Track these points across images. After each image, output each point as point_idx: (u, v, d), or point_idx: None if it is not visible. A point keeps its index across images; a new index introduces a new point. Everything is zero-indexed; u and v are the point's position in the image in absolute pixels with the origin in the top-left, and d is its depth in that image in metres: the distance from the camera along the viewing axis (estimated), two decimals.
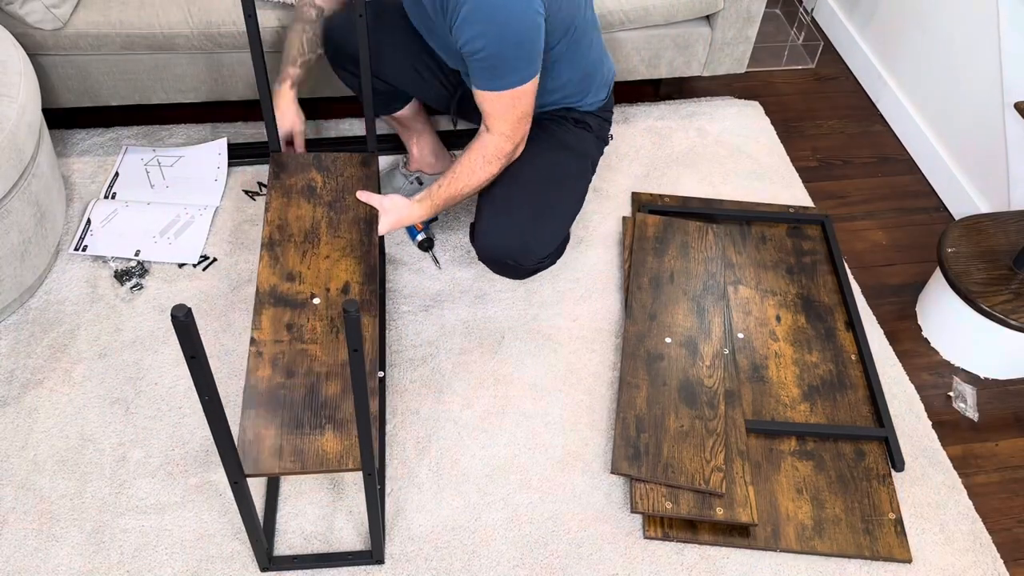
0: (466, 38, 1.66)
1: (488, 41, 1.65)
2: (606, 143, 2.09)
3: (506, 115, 1.76)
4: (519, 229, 1.87)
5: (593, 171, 2.07)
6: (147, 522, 1.69)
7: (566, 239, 2.09)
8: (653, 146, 2.52)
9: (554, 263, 2.05)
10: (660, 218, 2.24)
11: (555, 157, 1.94)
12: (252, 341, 1.52)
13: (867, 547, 1.71)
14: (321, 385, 1.47)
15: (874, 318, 2.14)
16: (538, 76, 1.74)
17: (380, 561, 1.65)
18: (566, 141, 1.97)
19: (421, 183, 2.27)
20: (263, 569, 1.62)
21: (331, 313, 1.57)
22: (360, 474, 1.72)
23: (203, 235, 2.17)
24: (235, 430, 1.74)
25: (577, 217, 2.29)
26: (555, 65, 1.83)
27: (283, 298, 1.59)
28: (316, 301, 1.59)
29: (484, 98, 1.75)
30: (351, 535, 1.69)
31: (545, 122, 1.96)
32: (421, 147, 2.26)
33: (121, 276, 2.08)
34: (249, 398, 1.45)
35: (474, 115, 2.12)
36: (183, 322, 1.03)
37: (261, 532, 1.54)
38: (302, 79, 1.98)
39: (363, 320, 1.56)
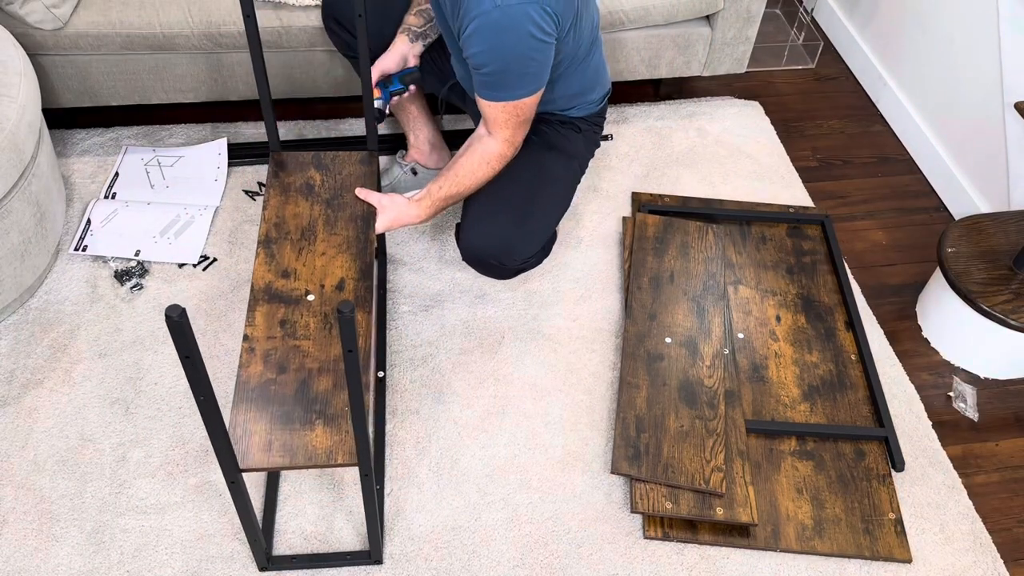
0: (472, 52, 1.67)
1: (492, 58, 1.66)
2: (597, 145, 2.09)
3: (508, 123, 1.78)
4: (502, 230, 1.87)
5: (582, 171, 2.06)
6: (147, 522, 1.69)
7: (552, 238, 2.09)
8: (653, 146, 2.52)
9: (539, 263, 2.05)
10: (660, 218, 2.24)
11: (541, 158, 1.95)
12: (245, 337, 1.52)
13: (867, 547, 1.71)
14: (312, 380, 1.48)
15: (874, 318, 2.14)
16: (543, 89, 1.76)
17: (379, 561, 1.65)
18: (553, 142, 1.97)
19: (415, 173, 2.27)
20: (261, 569, 1.62)
21: (325, 309, 1.58)
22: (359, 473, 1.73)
23: (203, 235, 2.17)
24: None
25: (577, 217, 2.29)
26: (552, 83, 1.84)
27: (278, 295, 1.60)
28: (310, 298, 1.60)
29: (486, 106, 1.76)
30: (351, 535, 1.69)
31: (533, 122, 1.96)
32: (418, 136, 2.26)
33: (121, 276, 2.08)
34: (240, 394, 1.45)
35: (462, 101, 2.13)
36: (177, 322, 1.03)
37: (259, 532, 1.54)
38: (421, 26, 1.98)
39: (357, 316, 1.57)
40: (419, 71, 2.01)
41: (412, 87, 1.99)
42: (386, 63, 1.95)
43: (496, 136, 1.79)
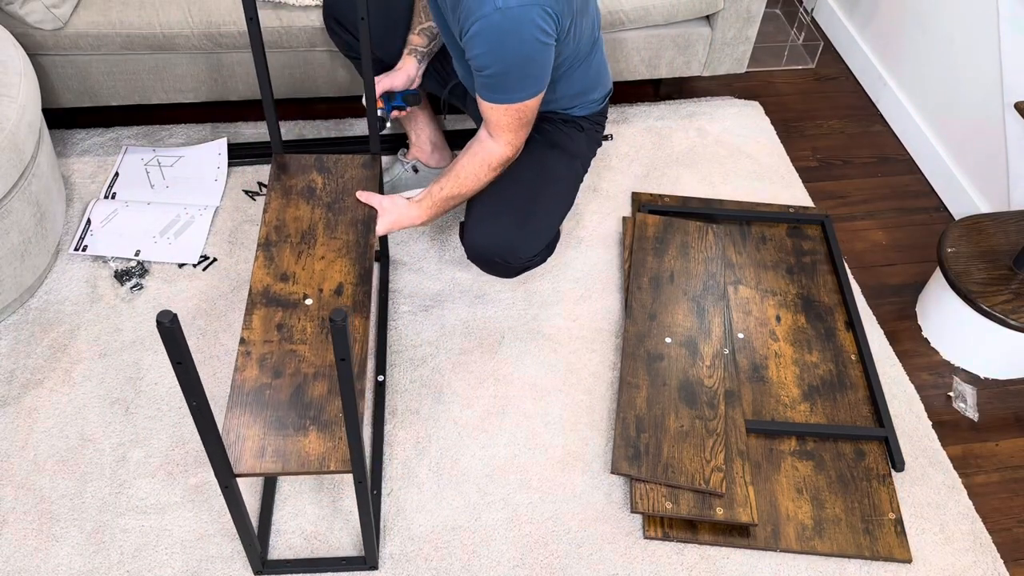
0: (473, 54, 1.67)
1: (494, 60, 1.66)
2: (599, 144, 2.09)
3: (510, 125, 1.77)
4: (507, 229, 1.87)
5: (585, 170, 2.06)
6: (147, 522, 1.69)
7: (556, 237, 2.10)
8: (653, 146, 2.52)
9: (544, 261, 2.05)
10: (660, 218, 2.24)
11: (544, 157, 1.95)
12: (242, 341, 1.52)
13: (867, 547, 1.71)
14: (308, 386, 1.47)
15: (874, 318, 2.14)
16: (544, 91, 1.75)
17: (373, 567, 1.64)
18: (556, 140, 1.97)
19: (416, 171, 2.27)
20: (256, 572, 1.62)
21: (322, 314, 1.57)
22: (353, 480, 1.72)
23: (203, 235, 2.17)
24: None
25: (577, 217, 2.29)
26: (554, 83, 1.84)
27: (275, 298, 1.59)
28: (308, 302, 1.59)
29: (488, 108, 1.75)
30: (349, 536, 1.69)
31: (536, 121, 1.97)
32: (420, 135, 2.26)
33: (121, 276, 2.08)
34: (234, 398, 1.45)
35: (463, 102, 2.13)
36: (169, 328, 1.03)
37: (254, 537, 1.53)
38: (427, 45, 2.00)
39: (355, 321, 1.56)
40: (420, 93, 2.03)
41: (409, 109, 2.02)
42: (395, 82, 1.96)
43: (498, 139, 1.79)
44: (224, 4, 2.17)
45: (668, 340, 1.98)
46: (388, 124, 2.00)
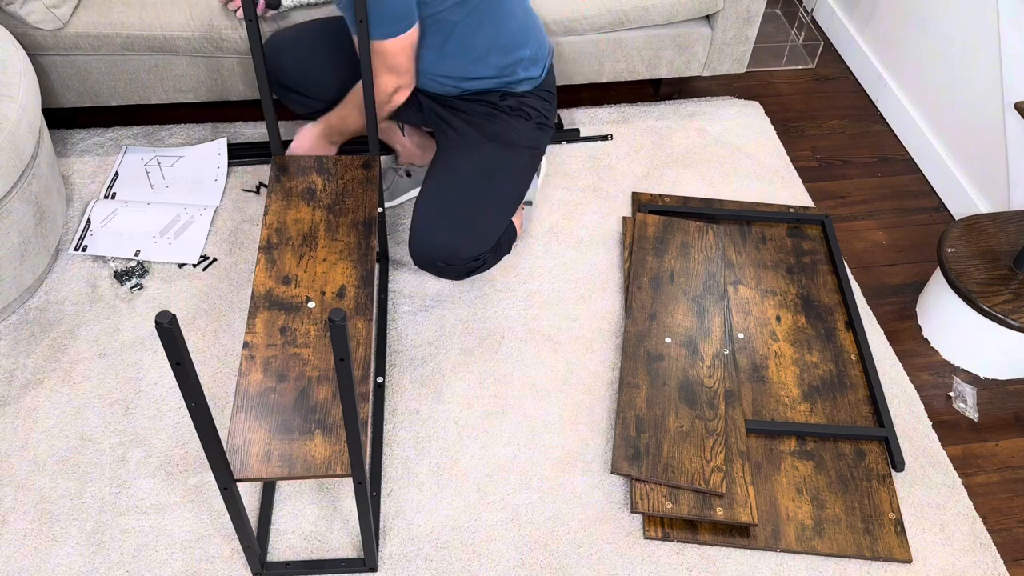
0: None
1: None
2: (551, 128, 2.04)
3: (376, 65, 1.81)
4: (445, 232, 1.87)
5: (537, 158, 2.03)
6: (147, 522, 1.69)
7: (512, 236, 2.08)
8: (653, 146, 2.52)
9: (497, 262, 2.04)
10: (660, 218, 2.24)
11: (481, 152, 1.94)
12: (245, 345, 1.52)
13: (867, 547, 1.71)
14: (312, 389, 1.47)
15: (874, 318, 2.14)
16: (404, 38, 1.76)
17: (372, 569, 1.64)
18: (494, 132, 1.95)
19: (410, 175, 2.27)
20: (255, 574, 1.62)
21: (325, 317, 1.57)
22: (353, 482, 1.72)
23: (203, 235, 2.17)
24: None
25: (577, 217, 2.29)
26: (458, 31, 1.83)
27: (278, 302, 1.59)
28: (311, 305, 1.59)
29: None
30: (348, 536, 1.69)
31: (474, 113, 1.96)
32: (403, 144, 2.27)
33: (121, 276, 2.08)
34: (239, 402, 1.45)
35: (415, 119, 2.12)
36: (167, 329, 1.03)
37: (253, 539, 1.53)
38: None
39: (357, 324, 1.56)
40: None
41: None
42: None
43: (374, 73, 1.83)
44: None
45: (668, 340, 1.98)
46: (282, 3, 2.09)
